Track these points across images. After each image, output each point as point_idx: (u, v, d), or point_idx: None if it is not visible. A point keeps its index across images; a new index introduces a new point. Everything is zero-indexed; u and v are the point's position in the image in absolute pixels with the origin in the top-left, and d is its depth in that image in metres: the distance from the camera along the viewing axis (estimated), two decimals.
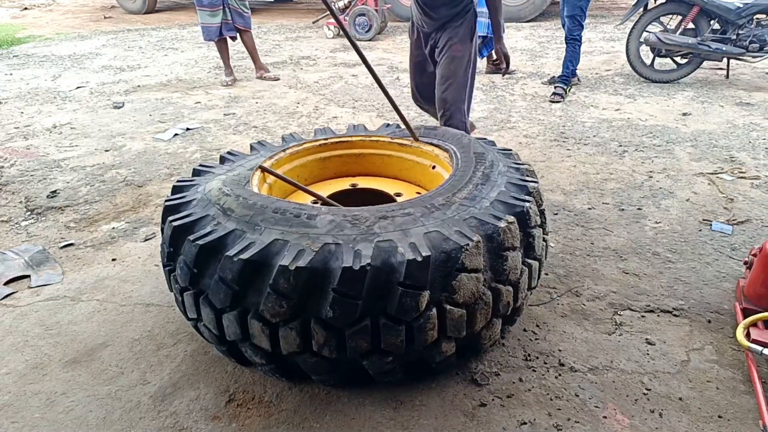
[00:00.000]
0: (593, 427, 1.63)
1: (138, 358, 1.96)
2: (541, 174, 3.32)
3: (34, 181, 3.45)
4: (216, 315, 1.57)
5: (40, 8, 11.46)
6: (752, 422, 1.62)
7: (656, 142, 3.76)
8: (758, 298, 1.94)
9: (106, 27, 9.18)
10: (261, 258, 1.46)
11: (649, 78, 5.12)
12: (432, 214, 1.61)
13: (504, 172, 1.87)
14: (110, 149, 3.96)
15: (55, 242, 2.75)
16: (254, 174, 1.96)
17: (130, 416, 1.72)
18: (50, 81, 5.85)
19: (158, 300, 2.27)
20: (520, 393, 1.75)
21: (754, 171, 3.26)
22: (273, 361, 1.63)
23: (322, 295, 1.45)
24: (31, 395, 1.82)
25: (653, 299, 2.18)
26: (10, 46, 7.71)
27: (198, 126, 4.40)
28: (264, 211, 1.63)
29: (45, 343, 2.06)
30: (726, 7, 4.63)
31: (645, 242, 2.58)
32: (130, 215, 3.02)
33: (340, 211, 1.67)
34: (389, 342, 1.50)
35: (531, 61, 6.11)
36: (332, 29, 7.90)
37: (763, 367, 1.80)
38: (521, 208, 1.68)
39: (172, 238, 1.66)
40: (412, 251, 1.45)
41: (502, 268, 1.60)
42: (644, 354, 1.90)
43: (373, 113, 4.63)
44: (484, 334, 1.67)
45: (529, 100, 4.80)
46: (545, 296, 2.22)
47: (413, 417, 1.67)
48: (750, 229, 2.66)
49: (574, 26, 4.70)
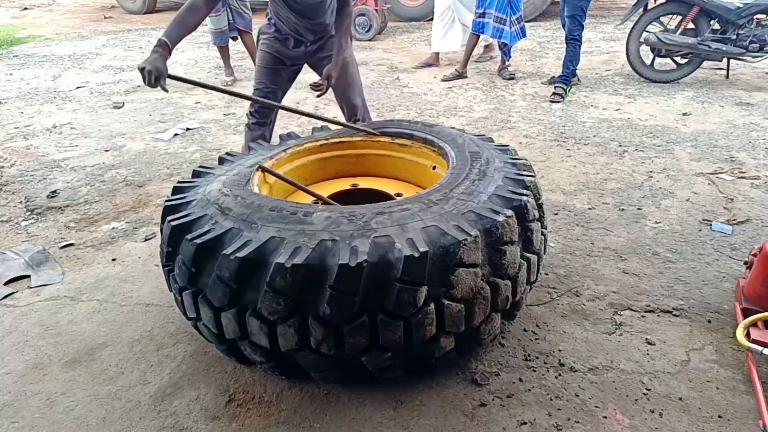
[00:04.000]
0: (593, 427, 1.63)
1: (138, 358, 1.96)
2: (541, 174, 3.32)
3: (34, 181, 3.45)
4: (215, 314, 1.57)
5: (40, 8, 11.45)
6: (752, 422, 1.62)
7: (656, 142, 3.76)
8: (758, 298, 1.94)
9: (106, 27, 9.17)
10: (258, 256, 1.46)
11: (649, 78, 5.12)
12: (430, 209, 1.61)
13: (500, 168, 1.87)
14: (110, 149, 3.96)
15: (55, 242, 2.75)
16: (254, 174, 1.97)
17: (130, 416, 1.72)
18: (50, 81, 5.85)
19: (158, 300, 2.27)
20: (520, 393, 1.75)
21: (754, 171, 3.26)
22: (272, 359, 1.63)
23: (319, 292, 1.45)
24: (31, 395, 1.82)
25: (653, 299, 2.18)
26: (10, 46, 7.70)
27: (198, 126, 4.40)
28: (261, 209, 1.63)
29: (45, 343, 2.06)
30: (726, 7, 4.62)
31: (645, 242, 2.58)
32: (130, 215, 3.02)
33: (336, 208, 1.67)
34: (388, 338, 1.50)
35: (531, 61, 6.11)
36: None
37: (763, 367, 1.80)
38: (519, 202, 1.68)
39: (170, 238, 1.66)
40: (409, 247, 1.45)
41: (501, 263, 1.60)
42: (644, 354, 1.90)
43: (373, 113, 4.62)
44: (483, 329, 1.67)
45: (529, 100, 4.80)
46: (545, 296, 2.22)
47: (413, 417, 1.67)
48: (750, 229, 2.66)
49: (574, 26, 4.69)
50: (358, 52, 6.73)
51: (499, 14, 5.05)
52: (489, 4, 5.07)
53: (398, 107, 4.75)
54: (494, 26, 5.09)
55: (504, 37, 5.12)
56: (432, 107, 4.71)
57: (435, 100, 4.93)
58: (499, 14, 5.05)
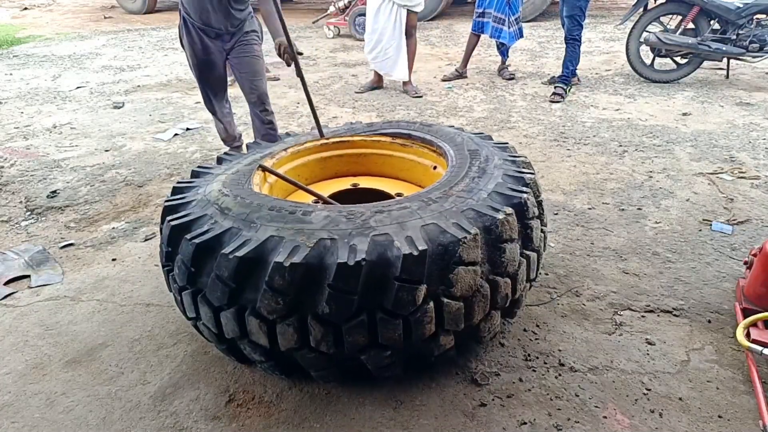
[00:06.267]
0: (593, 427, 1.62)
1: (138, 358, 1.96)
2: (541, 174, 3.32)
3: (34, 181, 3.45)
4: (214, 313, 1.57)
5: (40, 8, 11.45)
6: (752, 422, 1.62)
7: (656, 142, 3.76)
8: (758, 298, 1.94)
9: (106, 27, 9.18)
10: (256, 255, 1.46)
11: (649, 78, 5.12)
12: (429, 207, 1.61)
13: (500, 165, 1.87)
14: (110, 149, 3.96)
15: (55, 242, 2.75)
16: (255, 174, 1.97)
17: (130, 416, 1.72)
18: (50, 81, 5.85)
19: (158, 300, 2.27)
20: (520, 393, 1.75)
21: (754, 171, 3.26)
22: (272, 358, 1.63)
23: (318, 291, 1.45)
24: (31, 395, 1.82)
25: (653, 299, 2.18)
26: (10, 46, 7.71)
27: (198, 126, 4.40)
28: (260, 209, 1.63)
29: (45, 343, 2.05)
30: (726, 7, 4.62)
31: (645, 242, 2.58)
32: (130, 215, 3.02)
33: (335, 207, 1.67)
34: (387, 336, 1.50)
35: (531, 61, 6.11)
36: (332, 29, 7.90)
37: (763, 367, 1.80)
38: (519, 199, 1.68)
39: (170, 238, 1.66)
40: (408, 245, 1.44)
41: (500, 260, 1.60)
42: (644, 354, 1.90)
43: (374, 113, 4.63)
44: (483, 327, 1.67)
45: (529, 100, 4.80)
46: (545, 296, 2.22)
47: (413, 417, 1.67)
48: (750, 229, 2.66)
49: (573, 26, 4.70)
50: (359, 52, 6.74)
51: (498, 14, 5.05)
52: (488, 4, 5.07)
53: (398, 107, 4.75)
54: (493, 26, 5.10)
55: (503, 37, 5.13)
56: (432, 107, 4.71)
57: (435, 100, 4.93)
58: (498, 14, 5.05)
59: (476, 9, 5.20)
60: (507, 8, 5.03)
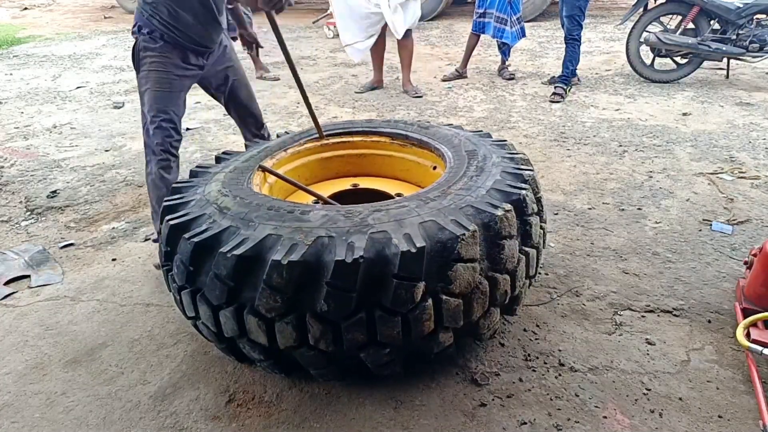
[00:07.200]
0: (593, 427, 1.62)
1: (138, 358, 1.96)
2: (541, 174, 3.32)
3: (34, 181, 3.45)
4: (213, 312, 1.57)
5: (40, 8, 11.45)
6: (752, 422, 1.62)
7: (656, 142, 3.76)
8: (758, 298, 1.94)
9: (106, 27, 9.18)
10: (254, 253, 1.46)
11: (649, 78, 5.12)
12: (427, 204, 1.61)
13: (498, 163, 1.87)
14: (110, 149, 3.97)
15: (55, 242, 2.75)
16: (254, 174, 1.97)
17: (130, 416, 1.72)
18: (50, 81, 5.85)
19: (158, 300, 2.27)
20: (520, 393, 1.75)
21: (754, 171, 3.26)
22: (271, 357, 1.63)
23: (316, 289, 1.45)
24: (31, 395, 1.82)
25: (653, 299, 2.18)
26: (10, 46, 7.71)
27: (198, 126, 4.40)
28: (259, 208, 1.64)
29: (45, 343, 2.06)
30: (726, 7, 4.62)
31: (645, 242, 2.58)
32: (130, 215, 3.02)
33: (334, 207, 1.67)
34: (386, 334, 1.50)
35: (531, 61, 6.11)
36: (332, 29, 7.90)
37: (763, 367, 1.80)
38: (517, 196, 1.68)
39: (169, 238, 1.66)
40: (406, 242, 1.44)
41: (499, 257, 1.59)
42: (644, 354, 1.90)
43: (374, 113, 4.63)
44: (482, 324, 1.67)
45: (529, 100, 4.80)
46: (545, 296, 2.22)
47: (413, 417, 1.67)
48: (750, 229, 2.65)
49: (573, 26, 4.69)
50: None
51: (500, 14, 5.05)
52: (490, 4, 5.07)
53: (398, 107, 4.75)
54: (495, 26, 5.10)
55: (505, 37, 5.12)
56: (432, 107, 4.71)
57: (435, 100, 4.93)
58: (500, 14, 5.05)
59: (477, 9, 5.19)
60: (508, 8, 5.03)
